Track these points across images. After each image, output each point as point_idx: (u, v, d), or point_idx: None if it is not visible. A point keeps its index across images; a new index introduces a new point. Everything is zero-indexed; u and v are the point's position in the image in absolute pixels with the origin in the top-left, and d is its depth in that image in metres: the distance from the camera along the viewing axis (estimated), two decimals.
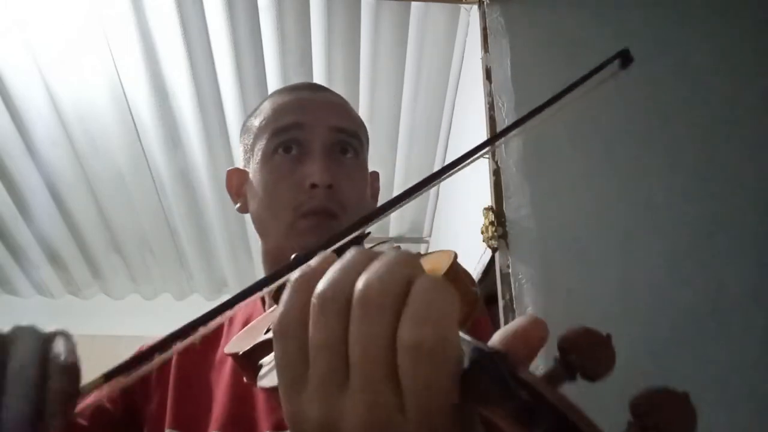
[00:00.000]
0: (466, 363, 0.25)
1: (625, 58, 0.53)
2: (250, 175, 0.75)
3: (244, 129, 0.79)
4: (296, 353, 0.27)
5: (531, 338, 0.25)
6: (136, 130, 2.06)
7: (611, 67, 0.52)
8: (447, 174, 0.46)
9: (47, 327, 0.35)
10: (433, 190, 2.31)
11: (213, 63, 1.83)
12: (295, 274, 0.29)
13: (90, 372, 0.33)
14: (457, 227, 1.91)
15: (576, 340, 0.24)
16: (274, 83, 1.88)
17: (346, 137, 0.72)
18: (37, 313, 2.93)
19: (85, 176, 2.24)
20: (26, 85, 1.87)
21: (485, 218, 1.22)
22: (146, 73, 1.85)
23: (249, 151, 0.76)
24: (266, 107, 0.75)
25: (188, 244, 2.62)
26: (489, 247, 1.21)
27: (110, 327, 2.86)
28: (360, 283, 0.26)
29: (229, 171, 0.80)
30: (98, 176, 2.25)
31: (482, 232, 1.22)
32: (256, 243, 2.57)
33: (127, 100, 1.96)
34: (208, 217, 2.45)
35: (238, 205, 0.79)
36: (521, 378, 0.23)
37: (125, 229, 2.54)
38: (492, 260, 1.25)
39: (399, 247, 0.55)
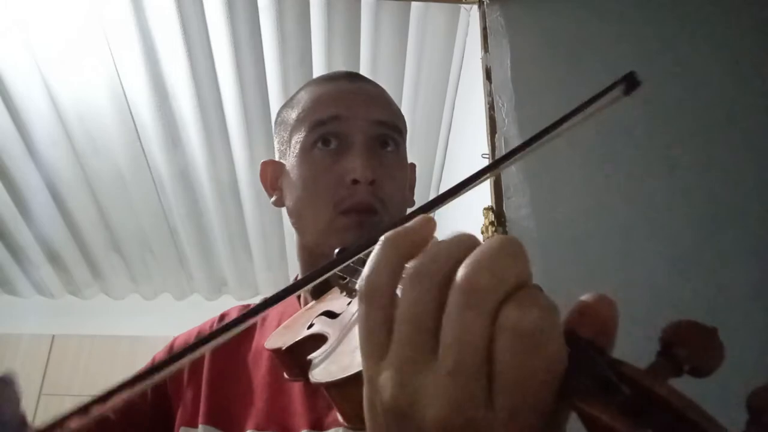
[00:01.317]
0: None
1: (631, 81, 0.49)
2: (287, 168, 0.72)
3: (279, 121, 0.77)
4: (381, 319, 0.26)
5: (608, 323, 0.24)
6: (136, 130, 2.06)
7: (616, 91, 0.50)
8: (456, 194, 0.45)
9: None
10: (432, 191, 2.31)
11: (213, 63, 1.83)
12: (384, 235, 0.28)
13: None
14: (457, 227, 1.91)
15: (684, 333, 0.23)
16: (274, 83, 1.88)
17: (387, 130, 0.70)
18: (37, 313, 2.93)
19: (85, 176, 2.24)
20: (26, 85, 1.87)
21: (485, 218, 1.22)
22: (146, 73, 1.85)
23: (285, 143, 0.73)
24: (303, 98, 0.73)
25: (188, 244, 2.62)
26: None
27: (110, 327, 2.86)
28: (470, 269, 0.24)
29: (263, 163, 0.78)
30: (98, 176, 2.25)
31: (482, 232, 1.22)
32: (256, 243, 2.59)
33: (127, 100, 1.96)
34: (208, 217, 2.45)
35: (273, 198, 0.76)
36: (625, 373, 0.22)
37: (125, 229, 2.54)
38: None
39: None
